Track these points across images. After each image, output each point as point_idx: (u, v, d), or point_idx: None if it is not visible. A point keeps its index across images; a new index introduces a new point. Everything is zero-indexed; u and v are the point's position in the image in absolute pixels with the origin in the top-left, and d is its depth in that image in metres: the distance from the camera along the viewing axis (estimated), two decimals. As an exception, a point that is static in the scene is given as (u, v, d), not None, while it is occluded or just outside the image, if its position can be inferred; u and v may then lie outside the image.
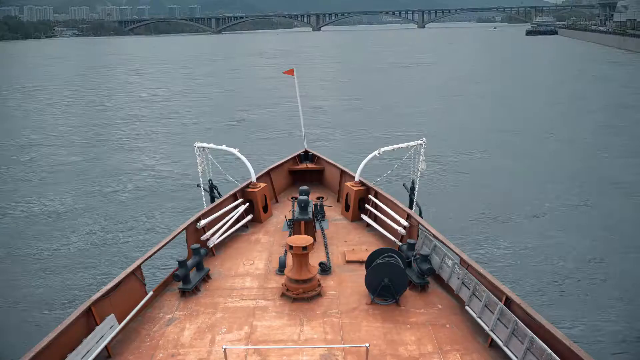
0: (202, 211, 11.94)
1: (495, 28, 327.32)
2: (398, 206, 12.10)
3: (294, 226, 11.66)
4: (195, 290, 9.78)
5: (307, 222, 11.49)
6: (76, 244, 20.18)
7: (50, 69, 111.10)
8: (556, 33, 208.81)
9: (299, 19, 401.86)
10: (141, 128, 43.79)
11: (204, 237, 11.22)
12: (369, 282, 9.29)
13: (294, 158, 16.36)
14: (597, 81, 64.73)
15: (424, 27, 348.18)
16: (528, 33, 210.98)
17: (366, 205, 13.07)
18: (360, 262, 10.53)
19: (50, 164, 32.56)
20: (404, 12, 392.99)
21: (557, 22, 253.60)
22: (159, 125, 44.56)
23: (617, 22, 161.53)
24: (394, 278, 9.11)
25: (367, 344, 6.96)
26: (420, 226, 10.98)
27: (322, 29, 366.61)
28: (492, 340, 7.92)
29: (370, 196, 13.14)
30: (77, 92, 69.45)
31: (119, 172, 30.23)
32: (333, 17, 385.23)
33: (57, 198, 25.69)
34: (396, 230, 11.42)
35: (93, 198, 25.56)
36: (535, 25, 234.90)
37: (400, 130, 36.80)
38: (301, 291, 9.31)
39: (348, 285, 9.88)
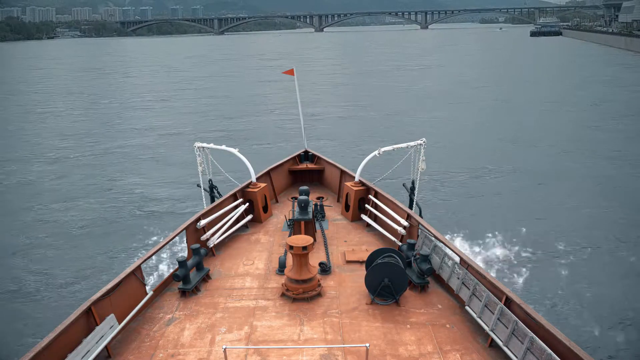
0: (202, 211, 11.94)
1: (501, 29, 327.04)
2: (398, 206, 12.09)
3: (294, 226, 11.66)
4: (195, 290, 9.78)
5: (307, 222, 11.49)
6: (76, 244, 20.17)
7: (45, 71, 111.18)
8: (560, 34, 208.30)
9: (302, 19, 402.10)
10: (141, 128, 43.82)
11: (204, 237, 11.22)
12: (369, 282, 9.28)
13: (294, 158, 16.36)
14: (608, 85, 63.30)
15: (427, 28, 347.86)
16: (532, 34, 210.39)
17: (366, 205, 13.06)
18: (360, 262, 10.52)
19: (49, 163, 32.62)
20: (406, 13, 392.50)
21: (561, 23, 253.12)
22: (159, 126, 44.57)
23: (622, 23, 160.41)
24: (394, 278, 9.09)
25: (367, 344, 6.95)
26: (420, 226, 10.97)
27: (324, 29, 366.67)
28: (492, 340, 7.91)
29: (370, 196, 13.13)
30: (75, 94, 69.35)
31: (119, 172, 30.26)
32: (336, 18, 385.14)
33: (56, 198, 25.72)
34: (396, 230, 11.41)
35: (92, 198, 25.56)
36: (540, 26, 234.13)
37: (401, 131, 36.78)
38: (301, 291, 9.31)
39: (348, 285, 9.87)
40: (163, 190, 26.57)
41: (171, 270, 10.30)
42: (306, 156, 16.42)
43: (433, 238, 10.19)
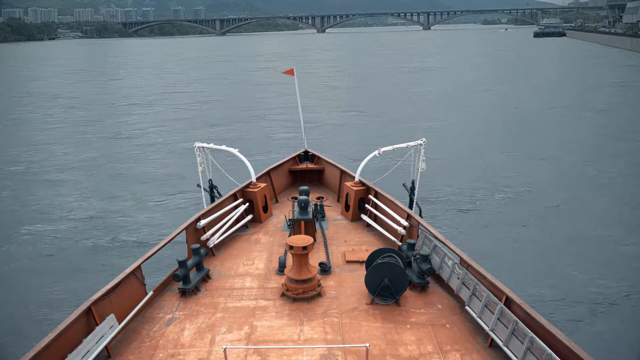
0: (202, 211, 11.92)
1: (506, 29, 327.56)
2: (398, 206, 12.06)
3: (294, 226, 11.63)
4: (195, 290, 9.77)
5: (307, 222, 11.45)
6: (76, 244, 20.20)
7: (49, 72, 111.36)
8: (564, 35, 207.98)
9: (304, 20, 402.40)
10: (141, 128, 43.92)
11: (204, 237, 11.21)
12: (369, 282, 9.26)
13: (294, 158, 16.34)
14: (618, 86, 62.67)
15: (429, 29, 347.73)
16: (536, 35, 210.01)
17: (366, 205, 13.04)
18: (360, 262, 10.51)
19: (49, 162, 32.68)
20: (409, 14, 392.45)
21: (565, 24, 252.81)
22: (159, 125, 44.66)
23: (627, 24, 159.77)
24: (394, 278, 9.07)
25: (367, 344, 6.92)
26: (420, 226, 10.95)
27: (326, 30, 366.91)
28: (492, 340, 7.88)
29: (370, 196, 13.10)
30: (76, 94, 69.56)
31: (119, 171, 30.32)
32: (338, 19, 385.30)
33: (56, 198, 25.77)
34: (396, 230, 11.39)
35: (92, 198, 25.60)
36: (543, 27, 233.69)
37: (402, 131, 36.74)
38: (301, 291, 9.29)
39: (348, 285, 9.85)
40: (163, 189, 26.60)
41: (171, 271, 10.28)
42: (306, 156, 16.40)
43: (433, 238, 10.17)
